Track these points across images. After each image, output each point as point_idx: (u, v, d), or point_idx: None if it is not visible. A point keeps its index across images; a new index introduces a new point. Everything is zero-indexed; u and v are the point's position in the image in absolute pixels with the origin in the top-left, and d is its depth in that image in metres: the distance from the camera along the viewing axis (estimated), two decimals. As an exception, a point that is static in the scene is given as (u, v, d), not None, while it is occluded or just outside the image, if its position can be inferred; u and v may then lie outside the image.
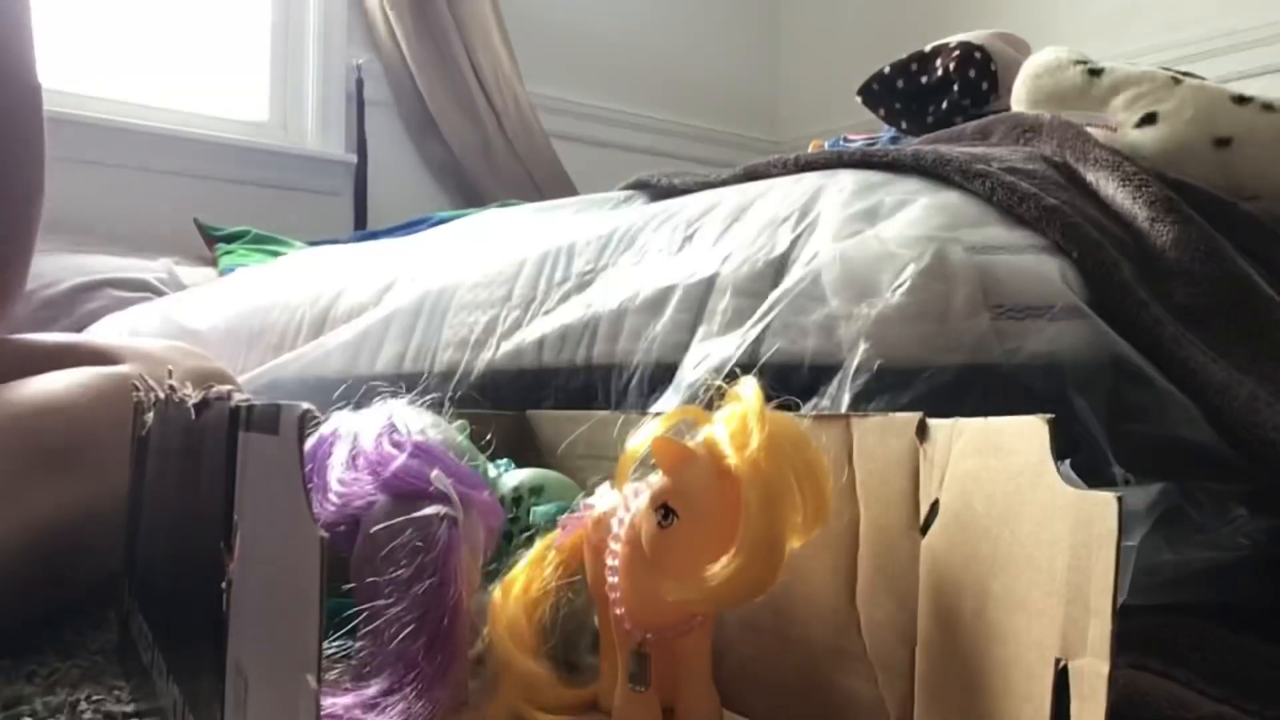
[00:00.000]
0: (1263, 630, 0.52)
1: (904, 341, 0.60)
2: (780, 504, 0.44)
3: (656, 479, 0.47)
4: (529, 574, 0.55)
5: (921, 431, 0.45)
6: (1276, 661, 0.49)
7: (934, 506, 0.44)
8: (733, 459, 0.45)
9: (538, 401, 0.84)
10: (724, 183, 0.96)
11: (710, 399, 0.51)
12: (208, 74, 2.35)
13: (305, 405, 0.29)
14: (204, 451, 0.43)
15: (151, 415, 0.58)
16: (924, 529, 0.45)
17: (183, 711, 0.43)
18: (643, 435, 0.50)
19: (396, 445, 0.54)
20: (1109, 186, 0.75)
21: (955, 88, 1.41)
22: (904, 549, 0.46)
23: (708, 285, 0.75)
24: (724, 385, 0.49)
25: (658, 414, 0.52)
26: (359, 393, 0.64)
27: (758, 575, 0.44)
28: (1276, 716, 0.46)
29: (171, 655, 0.48)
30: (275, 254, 1.90)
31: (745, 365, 0.65)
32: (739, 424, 0.46)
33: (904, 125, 1.52)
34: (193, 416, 0.46)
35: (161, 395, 0.56)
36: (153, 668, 0.53)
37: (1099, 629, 0.33)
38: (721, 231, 0.80)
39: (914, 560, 0.45)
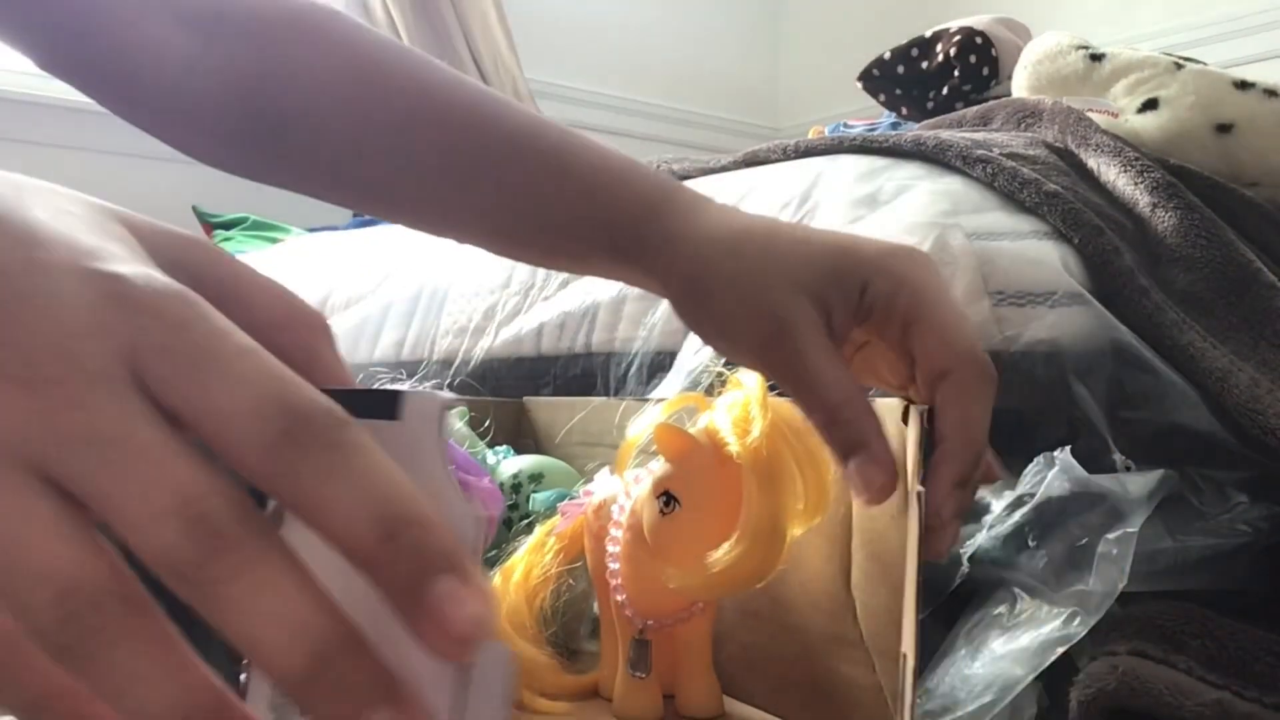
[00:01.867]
0: (1263, 617, 0.52)
1: (904, 328, 0.60)
2: (782, 492, 0.44)
3: (658, 466, 0.47)
4: (529, 561, 0.55)
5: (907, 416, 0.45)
6: (1276, 648, 0.49)
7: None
8: (734, 446, 0.45)
9: (536, 388, 0.84)
10: (724, 169, 0.95)
11: (711, 385, 0.51)
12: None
13: (447, 394, 0.26)
14: None
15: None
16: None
17: None
18: (644, 422, 0.50)
19: (395, 432, 0.54)
20: (1110, 172, 0.75)
21: (956, 73, 1.41)
22: (895, 536, 0.45)
23: (707, 272, 0.74)
24: (725, 372, 0.48)
25: (659, 400, 0.52)
26: (358, 379, 0.63)
27: (759, 562, 0.44)
28: (1276, 703, 0.46)
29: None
30: (273, 241, 1.90)
31: (745, 352, 0.65)
32: (740, 411, 0.46)
33: (904, 111, 1.52)
34: None
35: None
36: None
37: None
38: (721, 218, 0.80)
39: (905, 547, 0.45)
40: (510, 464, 0.67)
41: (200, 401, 0.19)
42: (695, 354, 0.69)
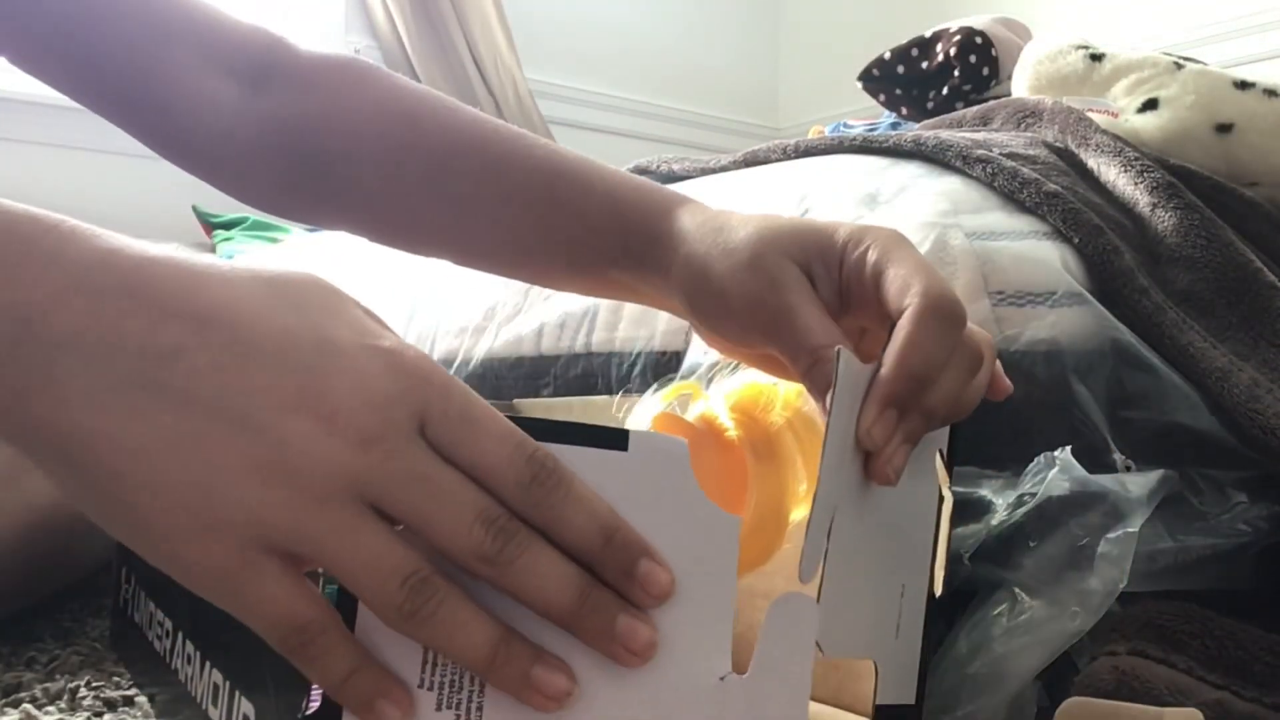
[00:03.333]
0: (1262, 617, 0.52)
1: (904, 328, 0.60)
2: (784, 473, 0.44)
3: None
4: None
5: None
6: (1276, 648, 0.49)
7: None
8: (733, 431, 0.45)
9: (537, 389, 0.84)
10: (724, 169, 0.95)
11: (713, 377, 0.51)
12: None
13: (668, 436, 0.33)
14: None
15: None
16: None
17: (228, 694, 0.43)
18: (641, 413, 0.50)
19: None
20: (1110, 172, 0.75)
21: (956, 73, 1.41)
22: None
23: (707, 271, 0.74)
24: (740, 366, 0.49)
25: (656, 392, 0.52)
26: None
27: (764, 545, 0.44)
28: (1276, 703, 0.46)
29: (208, 642, 0.48)
30: (273, 240, 1.90)
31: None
32: (739, 396, 0.46)
33: (904, 111, 1.52)
34: None
35: None
36: (172, 654, 0.53)
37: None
38: (721, 218, 0.80)
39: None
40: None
41: (471, 454, 0.29)
42: (706, 353, 0.69)
